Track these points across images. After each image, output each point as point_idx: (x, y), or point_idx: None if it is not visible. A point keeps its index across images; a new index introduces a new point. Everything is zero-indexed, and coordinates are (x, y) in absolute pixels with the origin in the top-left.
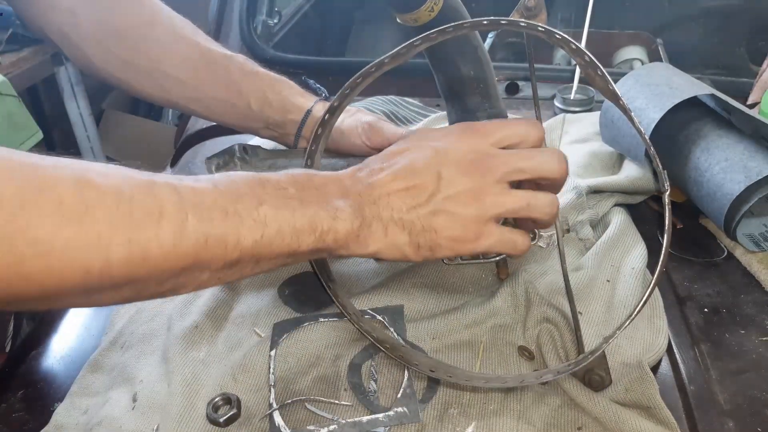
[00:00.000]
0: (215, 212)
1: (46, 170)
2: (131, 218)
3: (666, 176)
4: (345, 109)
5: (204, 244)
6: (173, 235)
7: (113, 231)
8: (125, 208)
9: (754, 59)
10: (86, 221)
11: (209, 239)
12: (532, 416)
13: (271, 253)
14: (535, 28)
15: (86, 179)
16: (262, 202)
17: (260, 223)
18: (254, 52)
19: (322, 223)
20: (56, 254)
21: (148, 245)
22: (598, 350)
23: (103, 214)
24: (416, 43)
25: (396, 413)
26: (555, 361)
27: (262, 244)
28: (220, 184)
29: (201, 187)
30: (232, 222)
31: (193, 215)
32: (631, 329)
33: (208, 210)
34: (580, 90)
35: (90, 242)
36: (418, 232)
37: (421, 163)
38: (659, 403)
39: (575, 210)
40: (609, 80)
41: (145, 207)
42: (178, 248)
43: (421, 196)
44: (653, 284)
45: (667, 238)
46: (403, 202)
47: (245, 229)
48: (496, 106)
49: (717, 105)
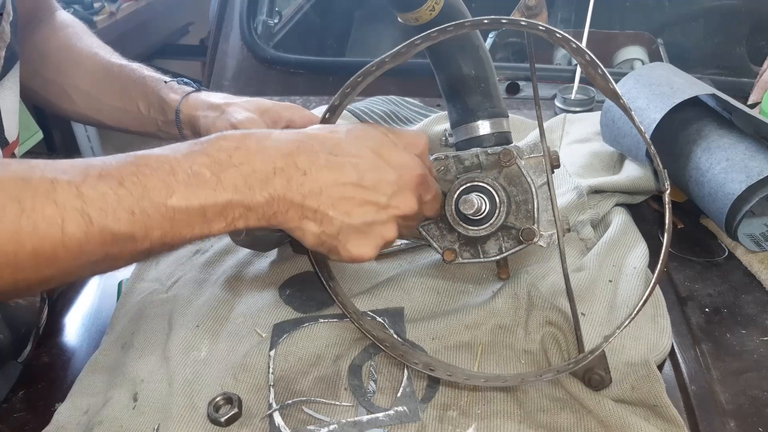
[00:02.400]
0: (120, 213)
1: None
2: (35, 230)
3: (666, 175)
4: (217, 105)
5: (111, 243)
6: (78, 240)
7: (18, 245)
8: (27, 220)
9: (755, 59)
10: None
11: (116, 237)
12: (534, 418)
13: (182, 239)
14: (536, 27)
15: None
16: (172, 193)
17: (168, 218)
18: (254, 53)
19: (234, 210)
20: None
21: (54, 253)
22: (598, 349)
23: (5, 230)
24: (417, 42)
25: (396, 413)
26: (560, 363)
27: (171, 234)
28: (127, 179)
29: (105, 188)
30: (138, 219)
31: (98, 218)
32: (635, 329)
33: (113, 211)
34: (581, 90)
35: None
36: (329, 234)
37: (372, 188)
38: (666, 402)
39: (576, 210)
40: (609, 79)
41: (46, 217)
42: (84, 248)
43: (357, 213)
44: (653, 283)
45: (668, 237)
46: (332, 203)
47: (153, 223)
48: (497, 105)
49: (718, 105)
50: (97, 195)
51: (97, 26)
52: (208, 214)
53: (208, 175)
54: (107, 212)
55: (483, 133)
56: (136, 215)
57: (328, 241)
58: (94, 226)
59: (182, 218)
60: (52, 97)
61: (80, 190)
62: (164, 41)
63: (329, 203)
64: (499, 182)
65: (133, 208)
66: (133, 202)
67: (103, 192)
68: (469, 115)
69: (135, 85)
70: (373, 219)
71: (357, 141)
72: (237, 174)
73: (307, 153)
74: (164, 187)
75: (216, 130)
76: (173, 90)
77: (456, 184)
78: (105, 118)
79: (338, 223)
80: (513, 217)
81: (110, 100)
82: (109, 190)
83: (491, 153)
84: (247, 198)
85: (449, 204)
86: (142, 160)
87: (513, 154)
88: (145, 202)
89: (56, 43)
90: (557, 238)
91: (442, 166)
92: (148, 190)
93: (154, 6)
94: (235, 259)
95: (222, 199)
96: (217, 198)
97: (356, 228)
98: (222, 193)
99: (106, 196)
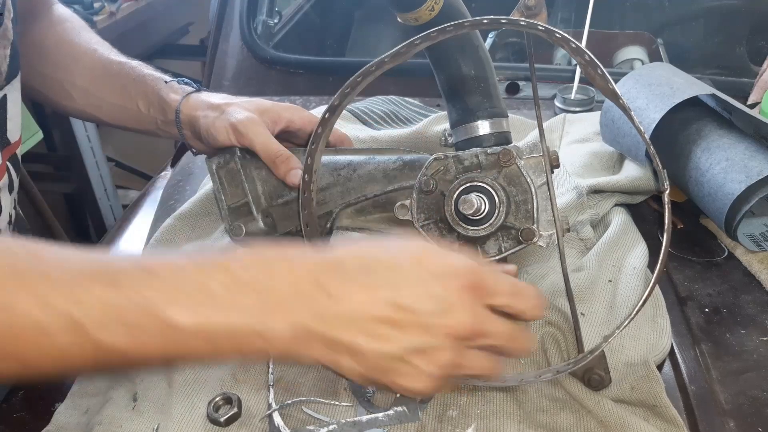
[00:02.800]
0: (119, 327)
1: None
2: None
3: (666, 175)
4: (216, 105)
5: (102, 357)
6: (66, 350)
7: (6, 360)
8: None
9: (755, 59)
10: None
11: (108, 351)
12: (533, 418)
13: (183, 361)
14: (536, 27)
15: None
16: (173, 307)
17: (167, 337)
18: (254, 53)
19: (248, 338)
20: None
21: (37, 360)
22: (598, 349)
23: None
24: (416, 42)
25: (395, 412)
26: (559, 363)
27: (173, 355)
28: (126, 285)
29: (99, 291)
30: (136, 335)
31: (92, 329)
32: (635, 329)
33: (114, 324)
34: (581, 90)
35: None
36: (368, 366)
37: (408, 302)
38: (665, 402)
39: (576, 210)
40: (609, 79)
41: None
42: (71, 360)
43: (391, 338)
44: (653, 283)
45: (667, 237)
46: (367, 334)
47: (149, 339)
48: (497, 105)
49: (717, 105)
50: (92, 302)
51: (97, 26)
52: (215, 338)
53: (220, 291)
54: (105, 327)
55: (483, 133)
56: (132, 331)
57: (374, 376)
58: (84, 336)
59: (183, 339)
60: (50, 93)
61: (74, 291)
62: (164, 41)
63: (361, 333)
64: (499, 182)
65: (127, 319)
66: (128, 313)
67: (98, 296)
68: (468, 115)
69: (134, 84)
70: (420, 344)
71: (396, 251)
72: (252, 293)
73: (336, 272)
74: (165, 300)
75: (215, 130)
76: (173, 90)
77: (455, 184)
78: (104, 115)
79: (375, 355)
80: (512, 217)
81: (109, 98)
82: (103, 295)
83: (491, 153)
84: (262, 324)
85: (449, 204)
86: (149, 265)
87: (512, 154)
88: (144, 318)
89: (54, 38)
90: (557, 238)
91: (441, 166)
92: (147, 300)
93: (154, 6)
94: None
95: (232, 322)
96: (227, 320)
97: (400, 358)
98: (232, 315)
99: (99, 301)
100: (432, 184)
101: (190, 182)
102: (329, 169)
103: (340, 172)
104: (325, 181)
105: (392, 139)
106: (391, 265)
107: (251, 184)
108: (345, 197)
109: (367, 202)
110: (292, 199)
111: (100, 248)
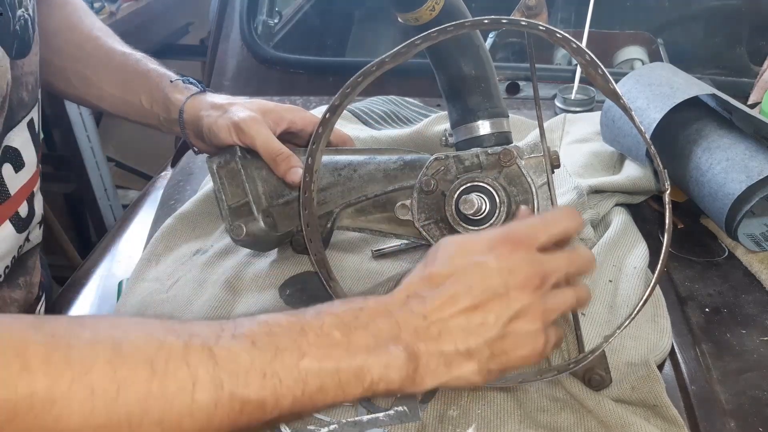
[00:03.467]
0: (252, 376)
1: (81, 352)
2: (163, 395)
3: (666, 175)
4: (219, 105)
5: (239, 412)
6: (207, 407)
7: (144, 412)
8: (157, 384)
9: (755, 59)
10: (117, 405)
11: (246, 406)
12: (534, 418)
13: (313, 408)
14: (536, 27)
15: (120, 356)
16: (304, 354)
17: (300, 381)
18: (254, 52)
19: (372, 372)
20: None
21: (180, 422)
22: (598, 349)
23: (134, 395)
24: (417, 42)
25: (396, 412)
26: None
27: (302, 402)
28: (259, 340)
29: (238, 348)
30: (269, 384)
31: (229, 383)
32: (635, 329)
33: (245, 374)
34: (581, 90)
35: (119, 428)
36: (487, 358)
37: (478, 286)
38: (666, 402)
39: (576, 210)
40: (609, 79)
41: (178, 380)
42: (212, 419)
43: (486, 320)
44: (654, 283)
45: (668, 237)
46: (466, 330)
47: (284, 389)
48: (498, 105)
49: (718, 105)
50: (230, 356)
51: None
52: (342, 377)
53: (339, 336)
54: (238, 375)
55: (483, 133)
56: (267, 379)
57: (496, 364)
58: (224, 392)
59: (314, 383)
60: (49, 76)
61: (213, 351)
62: (164, 41)
63: (461, 333)
64: (500, 182)
65: (265, 370)
66: (265, 364)
67: (237, 352)
68: (469, 115)
69: (138, 78)
70: (510, 312)
71: (439, 261)
72: (366, 335)
73: (415, 298)
74: (296, 348)
75: (217, 128)
76: (178, 89)
77: (456, 184)
78: (105, 104)
79: (484, 343)
80: (513, 217)
81: (111, 89)
82: (242, 351)
83: (491, 153)
84: (383, 358)
85: (449, 204)
86: (272, 319)
87: (513, 154)
88: (276, 364)
89: (56, 23)
90: None
91: (442, 166)
92: (280, 351)
93: (154, 6)
94: (235, 259)
95: (356, 361)
96: (351, 360)
97: (504, 334)
98: (356, 354)
99: (238, 358)
100: (432, 184)
101: (191, 182)
102: (330, 169)
103: (341, 172)
104: (325, 181)
105: (392, 139)
106: (444, 272)
107: (252, 184)
108: (345, 197)
109: (367, 202)
110: (293, 199)
111: None
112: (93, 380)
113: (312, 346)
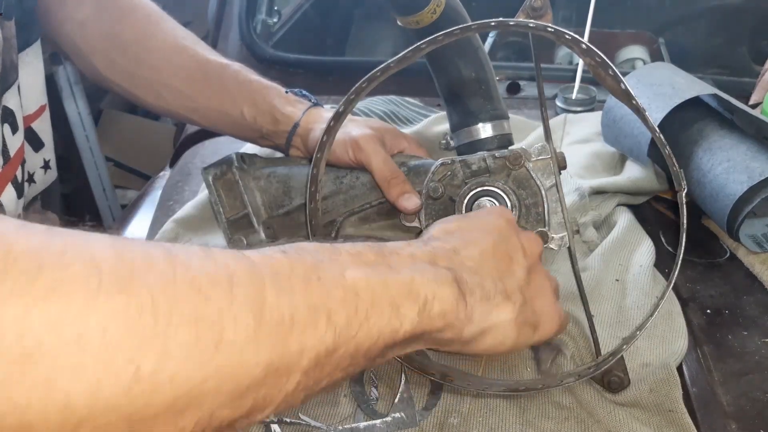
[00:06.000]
0: (295, 281)
1: None
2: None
3: (683, 175)
4: None
5: (289, 327)
6: (252, 315)
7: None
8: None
9: (756, 59)
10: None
11: (295, 316)
12: (537, 425)
13: (369, 336)
14: (544, 29)
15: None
16: (346, 267)
17: (351, 292)
18: (254, 52)
19: (425, 288)
20: None
21: (289, 368)
22: (620, 352)
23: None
24: (423, 46)
25: (393, 419)
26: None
27: (357, 322)
28: (290, 252)
29: (272, 255)
30: (317, 292)
31: (272, 286)
32: (650, 328)
33: (287, 278)
34: (582, 90)
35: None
36: (521, 305)
37: (493, 232)
38: (681, 409)
39: (578, 212)
40: (621, 79)
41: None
42: (258, 334)
43: (512, 264)
44: (671, 281)
45: (683, 235)
46: (498, 270)
47: (334, 301)
48: (498, 107)
49: (719, 105)
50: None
51: None
52: (393, 292)
53: (373, 257)
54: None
55: (485, 136)
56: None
57: (526, 316)
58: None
59: (366, 296)
60: (137, 91)
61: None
62: None
63: (495, 272)
64: (509, 186)
65: (309, 275)
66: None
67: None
68: (469, 118)
69: (240, 89)
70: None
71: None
72: (402, 257)
73: (435, 240)
74: (335, 261)
75: (334, 143)
76: (290, 102)
77: (465, 189)
78: (200, 118)
79: (514, 286)
80: (524, 221)
81: (207, 102)
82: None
83: (499, 156)
84: (429, 273)
85: (459, 210)
86: (296, 244)
87: (521, 157)
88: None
89: (132, 32)
90: (568, 240)
91: (448, 171)
92: (319, 261)
93: None
94: None
95: (403, 275)
96: (397, 274)
97: (528, 282)
98: (400, 269)
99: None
100: (440, 189)
101: (189, 183)
102: (331, 177)
103: (343, 180)
104: (327, 190)
105: None
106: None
107: (250, 195)
108: (348, 205)
109: (371, 209)
110: (293, 209)
111: None
112: None
113: (350, 261)
